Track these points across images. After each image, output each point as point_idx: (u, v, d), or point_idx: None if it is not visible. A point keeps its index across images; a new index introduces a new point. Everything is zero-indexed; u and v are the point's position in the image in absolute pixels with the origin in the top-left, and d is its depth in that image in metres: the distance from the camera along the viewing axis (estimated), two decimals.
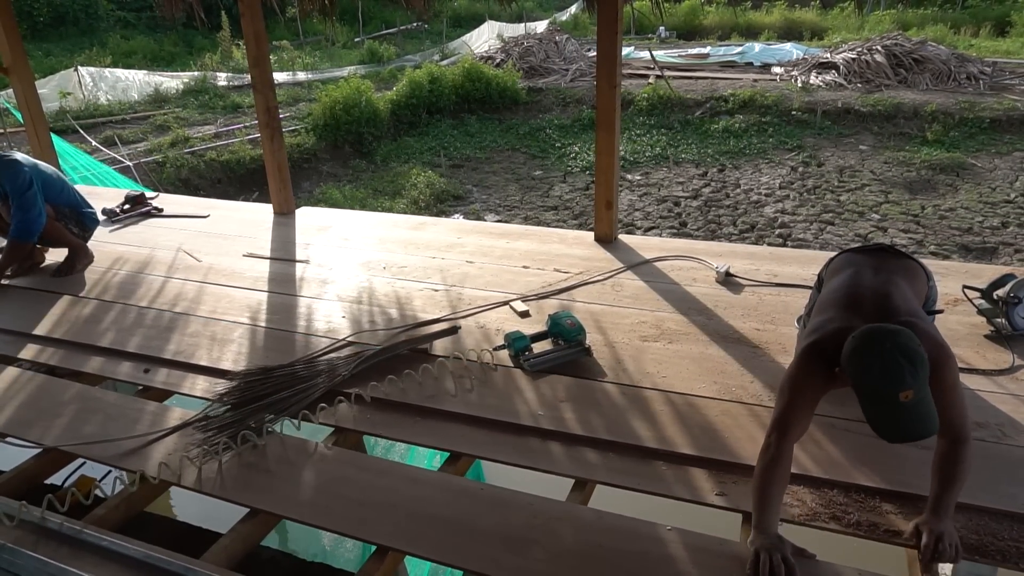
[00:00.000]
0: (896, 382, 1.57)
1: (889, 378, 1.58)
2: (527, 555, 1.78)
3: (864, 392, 1.64)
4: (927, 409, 1.59)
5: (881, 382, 1.59)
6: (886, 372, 1.59)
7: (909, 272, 2.14)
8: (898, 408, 1.58)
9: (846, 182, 9.84)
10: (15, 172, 3.27)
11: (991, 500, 1.86)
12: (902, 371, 1.58)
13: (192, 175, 9.08)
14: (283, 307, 3.17)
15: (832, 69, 12.84)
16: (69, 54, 14.65)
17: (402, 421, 2.29)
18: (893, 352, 1.60)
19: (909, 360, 1.59)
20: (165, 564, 1.77)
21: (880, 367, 1.59)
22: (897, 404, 1.58)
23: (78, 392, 2.56)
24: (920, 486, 1.90)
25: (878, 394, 1.60)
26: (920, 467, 1.98)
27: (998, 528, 1.79)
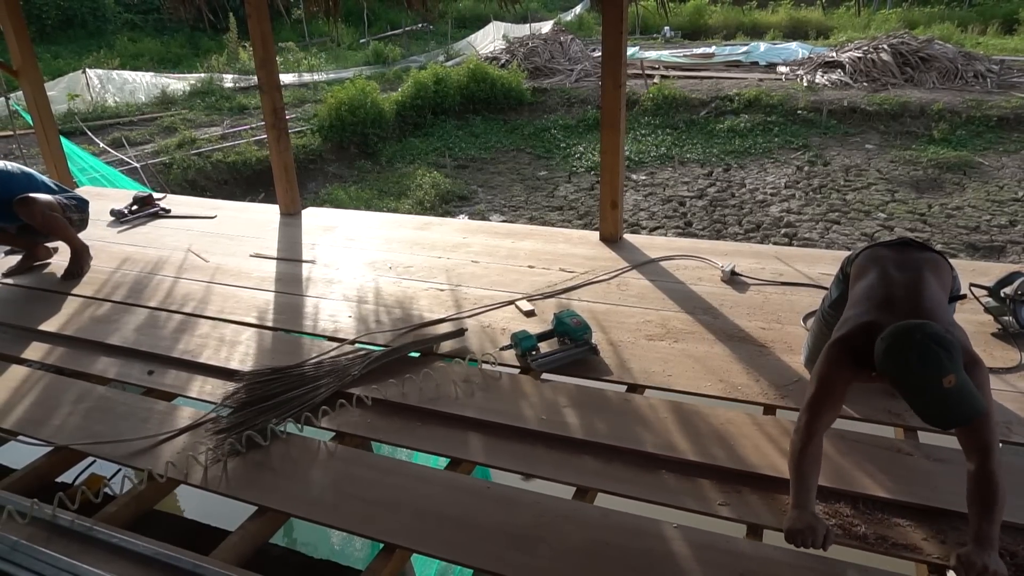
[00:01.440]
0: (937, 368, 1.60)
1: (930, 367, 1.61)
2: (533, 553, 1.79)
3: (908, 386, 1.65)
4: (970, 390, 1.62)
5: (923, 372, 1.62)
6: (925, 362, 1.62)
7: (934, 265, 2.14)
8: (944, 394, 1.60)
9: (852, 181, 9.82)
10: None
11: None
12: (939, 357, 1.61)
13: (199, 176, 9.12)
14: (290, 307, 3.19)
15: (838, 68, 12.80)
16: (77, 56, 14.72)
17: (404, 426, 2.30)
18: (926, 342, 1.63)
19: (942, 346, 1.62)
20: (175, 561, 1.78)
21: (918, 358, 1.62)
22: (942, 390, 1.60)
23: (87, 391, 2.58)
24: (929, 497, 1.89)
25: (922, 385, 1.62)
26: (928, 478, 1.97)
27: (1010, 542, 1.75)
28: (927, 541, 1.75)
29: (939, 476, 1.97)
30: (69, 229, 3.60)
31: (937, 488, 1.94)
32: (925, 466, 2.02)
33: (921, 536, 1.76)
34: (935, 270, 2.11)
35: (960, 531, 1.76)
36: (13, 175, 3.49)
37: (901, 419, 2.22)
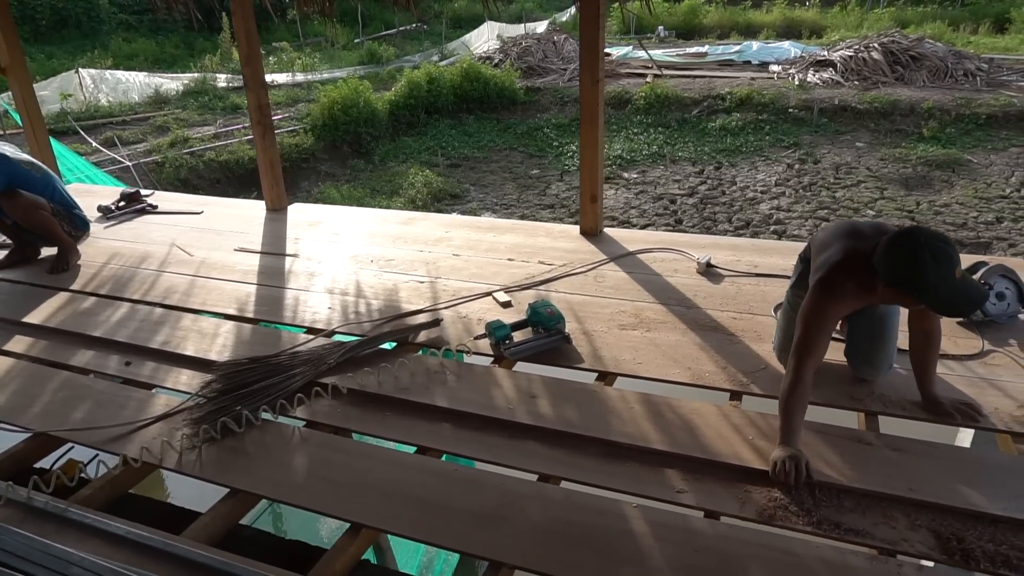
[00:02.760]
0: (948, 262, 1.75)
1: (942, 262, 1.74)
2: (496, 531, 1.83)
3: (926, 285, 1.77)
4: (971, 278, 1.80)
5: (937, 268, 1.74)
6: (938, 258, 1.74)
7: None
8: (960, 283, 1.76)
9: (842, 179, 9.88)
10: None
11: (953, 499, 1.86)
12: (948, 252, 1.76)
13: (191, 175, 9.16)
14: (271, 299, 3.23)
15: (829, 67, 12.87)
16: (72, 56, 14.77)
17: (375, 414, 2.34)
18: (932, 240, 1.76)
19: (946, 242, 1.78)
20: (146, 540, 1.83)
21: (931, 256, 1.74)
22: (955, 282, 1.75)
23: (68, 381, 2.62)
24: (885, 484, 1.92)
25: (939, 280, 1.75)
26: (886, 466, 1.99)
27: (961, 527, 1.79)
28: (878, 527, 1.78)
29: (898, 465, 2.00)
30: (55, 226, 3.63)
31: (893, 476, 1.97)
32: (885, 455, 2.06)
33: (872, 522, 1.80)
34: None
35: (912, 518, 1.80)
36: (31, 175, 3.56)
37: (863, 404, 2.27)
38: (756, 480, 1.95)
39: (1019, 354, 2.53)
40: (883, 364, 2.32)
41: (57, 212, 3.65)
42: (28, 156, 3.69)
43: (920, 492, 1.89)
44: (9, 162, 3.52)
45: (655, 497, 1.93)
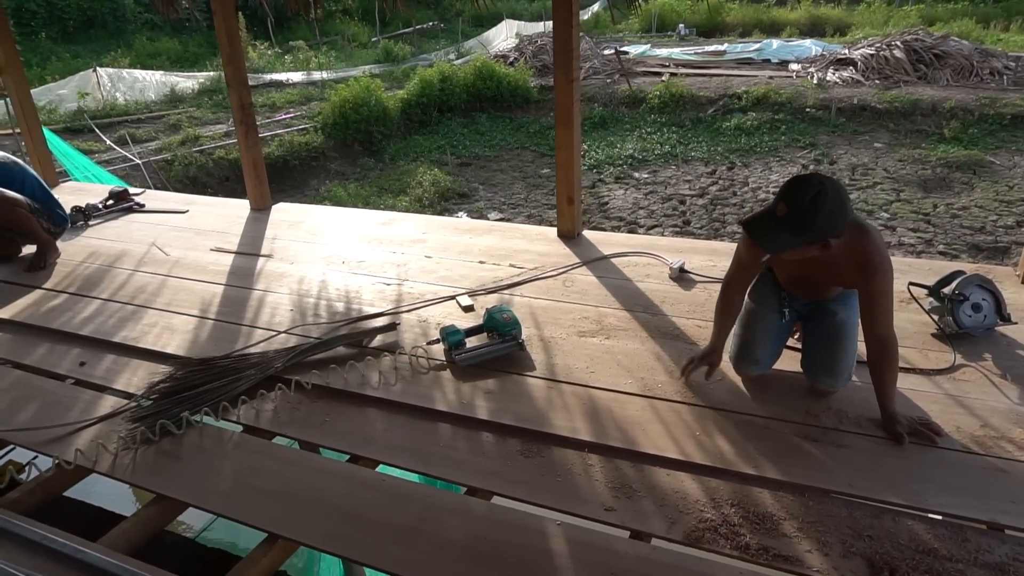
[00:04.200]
0: (783, 194, 1.83)
1: (786, 188, 1.84)
2: (412, 546, 1.78)
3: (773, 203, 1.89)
4: (778, 239, 1.87)
5: (781, 189, 1.85)
6: (789, 184, 1.85)
7: None
8: (770, 215, 1.86)
9: (858, 180, 9.64)
10: None
11: (885, 494, 1.82)
12: (797, 193, 1.80)
13: (200, 173, 9.25)
14: (236, 300, 3.22)
15: (850, 65, 12.58)
16: (96, 56, 15.02)
17: (314, 419, 2.31)
18: (818, 182, 1.81)
19: (815, 199, 1.79)
20: (58, 546, 1.81)
21: (792, 180, 1.86)
22: (773, 213, 1.85)
23: (18, 379, 2.63)
24: (825, 480, 1.88)
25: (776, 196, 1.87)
26: (826, 464, 1.96)
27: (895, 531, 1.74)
28: (811, 554, 1.70)
29: (841, 462, 1.98)
30: (34, 224, 3.67)
31: (835, 472, 1.94)
32: (830, 451, 2.03)
33: (805, 548, 1.72)
34: None
35: (848, 544, 1.72)
36: (11, 169, 3.59)
37: (817, 420, 2.18)
38: (691, 495, 1.88)
39: (992, 369, 2.41)
40: (842, 372, 2.23)
41: (35, 210, 3.68)
42: (3, 153, 3.72)
43: (858, 488, 1.87)
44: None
45: (582, 515, 1.87)
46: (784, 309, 2.28)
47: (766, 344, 2.30)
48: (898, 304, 2.80)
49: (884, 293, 1.99)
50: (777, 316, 2.28)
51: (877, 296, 2.00)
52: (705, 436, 2.11)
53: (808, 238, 1.86)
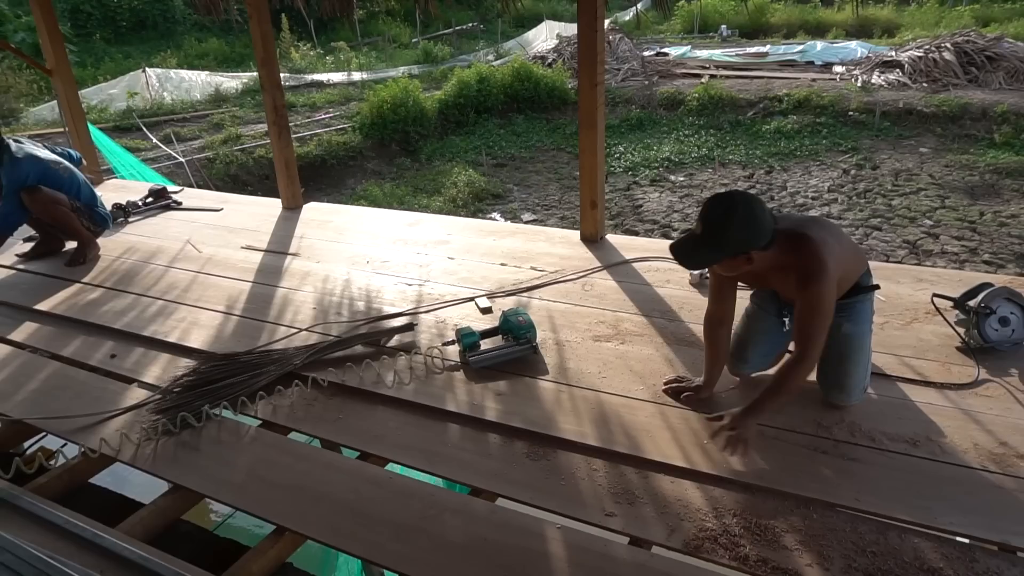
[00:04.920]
0: (700, 213, 1.92)
1: (703, 207, 1.92)
2: (412, 543, 1.82)
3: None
4: (699, 256, 1.99)
5: (702, 207, 1.94)
6: (705, 203, 1.92)
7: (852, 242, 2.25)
8: (691, 235, 1.95)
9: (901, 186, 9.40)
10: (14, 168, 3.54)
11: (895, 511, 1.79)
12: (710, 211, 1.89)
13: (240, 171, 9.48)
14: (261, 297, 3.30)
15: (896, 68, 12.26)
16: (147, 56, 15.50)
17: (327, 416, 2.36)
18: (728, 198, 1.89)
19: (726, 214, 1.87)
20: (79, 531, 1.89)
21: (708, 199, 1.93)
22: (694, 233, 1.94)
23: (55, 370, 2.75)
24: (830, 493, 1.86)
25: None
26: (836, 476, 1.93)
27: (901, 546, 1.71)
28: (811, 568, 1.68)
29: (849, 474, 1.95)
30: (74, 221, 3.81)
31: (842, 485, 1.90)
32: (839, 464, 2.00)
33: (805, 562, 1.70)
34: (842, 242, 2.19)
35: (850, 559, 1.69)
36: (57, 173, 3.75)
37: (829, 432, 2.14)
38: (693, 503, 1.88)
39: (1017, 386, 2.34)
40: (853, 388, 2.20)
41: (78, 208, 3.83)
42: (55, 156, 3.88)
43: (865, 503, 1.84)
44: (40, 161, 3.72)
45: (583, 519, 1.88)
46: (784, 317, 2.26)
47: (758, 346, 2.30)
48: (923, 316, 2.75)
49: (813, 305, 1.93)
50: (776, 321, 2.27)
51: (804, 308, 1.95)
52: (713, 445, 2.10)
53: (726, 252, 1.93)
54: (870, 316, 2.21)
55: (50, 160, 3.80)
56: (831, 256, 1.94)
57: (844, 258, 2.06)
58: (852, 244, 2.22)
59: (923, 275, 3.13)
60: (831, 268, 1.91)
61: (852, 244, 2.22)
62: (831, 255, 1.94)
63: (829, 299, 1.93)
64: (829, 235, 2.03)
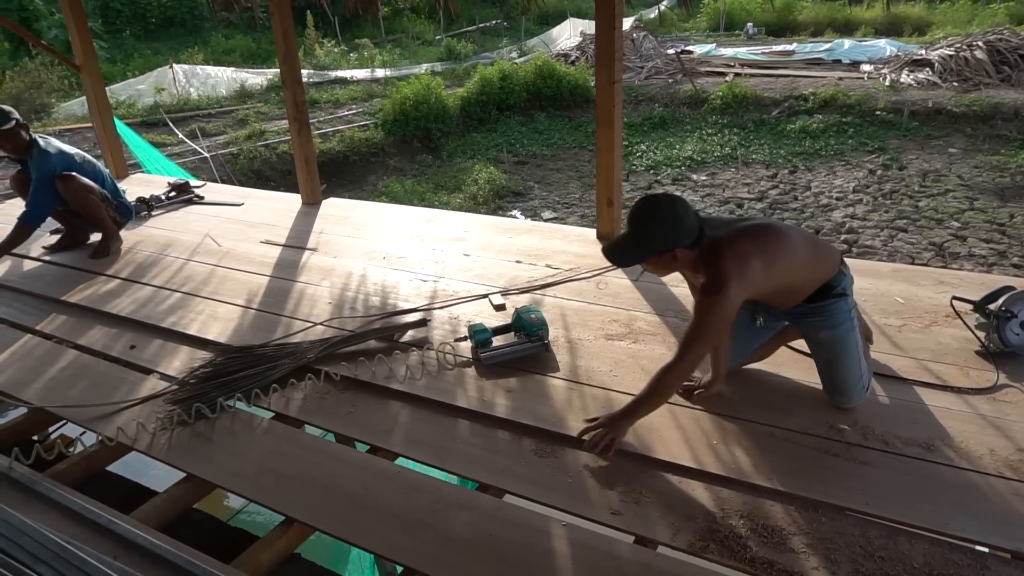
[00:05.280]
0: (629, 215, 2.00)
1: (632, 209, 2.01)
2: (418, 537, 1.83)
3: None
4: (627, 255, 2.06)
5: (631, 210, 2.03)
6: (634, 205, 2.01)
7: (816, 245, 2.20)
8: (622, 235, 2.04)
9: (928, 187, 9.23)
10: (43, 160, 3.63)
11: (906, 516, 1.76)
12: (635, 211, 1.99)
13: (264, 167, 9.58)
14: (278, 291, 3.34)
15: (926, 67, 12.03)
16: (175, 52, 15.71)
17: (339, 409, 2.39)
18: (653, 200, 1.98)
19: (650, 214, 1.96)
20: (94, 516, 1.93)
21: (638, 201, 2.02)
22: (625, 233, 2.04)
23: (76, 359, 2.81)
24: (842, 497, 1.84)
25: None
26: (847, 479, 1.91)
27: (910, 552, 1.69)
28: (817, 571, 1.67)
29: (860, 477, 1.92)
30: (103, 212, 3.89)
31: (852, 489, 1.88)
32: (849, 468, 1.97)
33: (812, 565, 1.68)
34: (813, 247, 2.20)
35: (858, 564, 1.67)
36: (84, 168, 3.84)
37: (841, 435, 2.12)
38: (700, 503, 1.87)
39: None
40: (849, 389, 2.18)
41: (105, 199, 3.91)
42: (82, 152, 3.96)
43: (874, 507, 1.82)
44: (67, 155, 3.81)
45: (588, 517, 1.87)
46: (757, 316, 2.27)
47: (732, 340, 2.28)
48: (942, 319, 2.71)
49: (700, 314, 1.97)
50: (747, 317, 2.28)
51: (694, 314, 2.01)
52: (722, 445, 2.09)
53: (651, 250, 1.99)
54: (848, 316, 2.15)
55: (75, 154, 3.88)
56: (742, 273, 1.94)
57: (785, 269, 2.05)
58: (812, 250, 2.14)
59: (944, 277, 3.08)
60: (732, 287, 1.92)
61: (812, 250, 2.14)
62: (742, 272, 1.94)
63: (719, 313, 1.94)
64: (759, 247, 2.00)
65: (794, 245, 2.09)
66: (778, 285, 2.09)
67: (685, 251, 1.98)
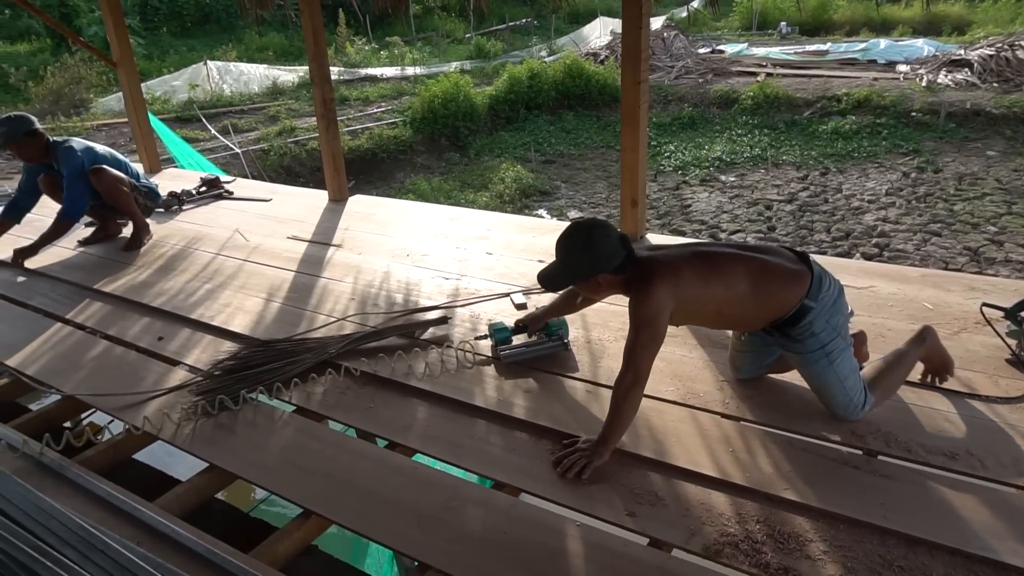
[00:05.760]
0: (557, 242, 2.08)
1: (559, 236, 2.08)
2: (433, 533, 1.85)
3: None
4: (556, 280, 2.12)
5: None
6: (562, 232, 2.09)
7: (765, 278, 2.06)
8: (554, 261, 2.10)
9: (964, 191, 9.02)
10: (70, 156, 3.71)
11: (924, 531, 1.73)
12: (562, 238, 2.07)
13: (294, 163, 9.71)
14: (303, 286, 3.39)
15: (965, 67, 11.76)
16: (209, 49, 15.98)
17: (359, 404, 2.41)
18: (575, 227, 2.07)
19: (573, 240, 2.04)
20: (119, 503, 1.98)
21: (565, 228, 2.10)
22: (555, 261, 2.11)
23: (105, 349, 2.88)
24: (859, 511, 1.82)
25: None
26: (867, 493, 1.88)
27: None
28: None
29: (879, 491, 1.89)
30: (133, 204, 3.99)
31: (870, 502, 1.85)
32: (869, 480, 1.93)
33: (829, 573, 1.66)
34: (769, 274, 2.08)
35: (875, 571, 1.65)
36: (105, 157, 3.92)
37: (863, 441, 2.09)
38: (716, 508, 1.85)
39: None
40: (843, 406, 2.13)
41: (133, 187, 4.00)
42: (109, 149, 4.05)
43: (892, 521, 1.78)
44: (91, 149, 3.89)
45: (602, 518, 1.87)
46: (768, 335, 2.21)
47: (742, 356, 2.36)
48: (972, 326, 2.65)
49: (632, 317, 1.97)
50: (736, 334, 2.37)
51: (630, 319, 1.98)
52: (740, 452, 2.06)
53: (574, 276, 2.06)
54: (823, 354, 2.07)
55: (96, 147, 3.94)
56: (672, 280, 1.96)
57: (722, 293, 2.02)
58: (757, 282, 2.02)
59: (976, 283, 3.01)
60: (657, 289, 1.94)
61: (757, 282, 2.02)
62: (671, 279, 1.96)
63: (649, 318, 1.95)
64: (689, 263, 2.00)
65: (734, 275, 2.02)
66: (717, 309, 2.07)
67: (610, 276, 2.01)
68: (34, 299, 3.39)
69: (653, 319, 1.95)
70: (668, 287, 1.95)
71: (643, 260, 2.03)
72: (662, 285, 1.94)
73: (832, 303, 2.09)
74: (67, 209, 3.78)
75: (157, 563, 1.72)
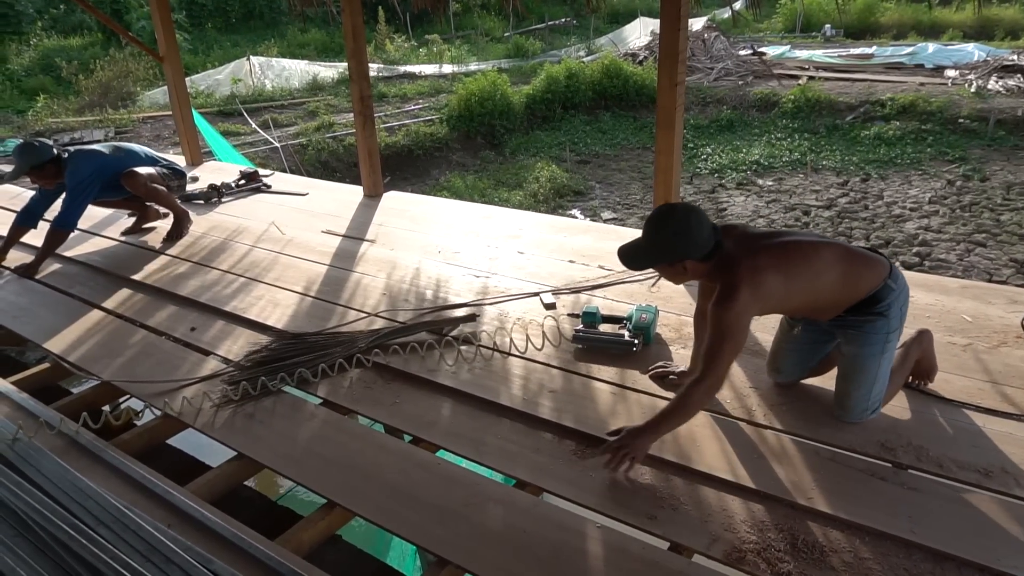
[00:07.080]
0: (646, 221, 2.02)
1: (650, 215, 2.04)
2: (453, 529, 1.86)
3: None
4: (638, 260, 2.07)
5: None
6: (652, 212, 2.04)
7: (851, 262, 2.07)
8: (638, 240, 2.04)
9: (1012, 200, 8.74)
10: (76, 169, 3.69)
11: (950, 546, 1.69)
12: (651, 219, 2.01)
13: (331, 158, 9.83)
14: (336, 280, 3.44)
15: (1017, 73, 11.40)
16: (253, 45, 16.28)
17: (385, 399, 2.45)
18: (670, 209, 2.01)
19: (664, 222, 1.98)
20: (152, 485, 2.04)
21: (656, 208, 2.06)
22: (638, 241, 2.05)
23: (142, 337, 2.96)
24: (886, 523, 1.79)
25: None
26: (895, 505, 1.85)
27: None
28: None
29: (908, 503, 1.86)
30: (171, 197, 4.09)
31: (897, 516, 1.81)
32: (897, 492, 1.90)
33: None
34: (850, 261, 2.08)
35: None
36: (119, 158, 3.94)
37: (893, 455, 2.05)
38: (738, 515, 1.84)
39: None
40: (851, 408, 2.13)
41: (164, 175, 4.08)
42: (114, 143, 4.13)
43: (920, 535, 1.74)
44: (97, 155, 3.84)
45: (624, 520, 1.87)
46: (794, 326, 2.25)
47: (786, 354, 2.31)
48: (1012, 340, 2.58)
49: (715, 327, 1.92)
50: (788, 328, 2.29)
51: (710, 328, 1.94)
52: (765, 460, 2.04)
53: (661, 258, 2.02)
54: (879, 339, 2.06)
55: (104, 151, 3.91)
56: (756, 285, 1.91)
57: (807, 286, 2.01)
58: (847, 267, 2.04)
59: (1018, 297, 2.93)
60: (741, 297, 1.90)
61: (847, 267, 2.04)
62: (755, 284, 1.91)
63: (729, 323, 1.91)
64: (778, 262, 1.96)
65: (822, 263, 2.01)
66: (802, 301, 2.06)
67: (696, 263, 1.99)
68: (74, 288, 3.50)
69: (737, 329, 1.93)
70: (749, 294, 1.91)
71: (728, 254, 1.97)
72: (745, 290, 1.90)
73: (905, 292, 2.12)
74: (61, 218, 3.68)
75: (187, 546, 1.77)
